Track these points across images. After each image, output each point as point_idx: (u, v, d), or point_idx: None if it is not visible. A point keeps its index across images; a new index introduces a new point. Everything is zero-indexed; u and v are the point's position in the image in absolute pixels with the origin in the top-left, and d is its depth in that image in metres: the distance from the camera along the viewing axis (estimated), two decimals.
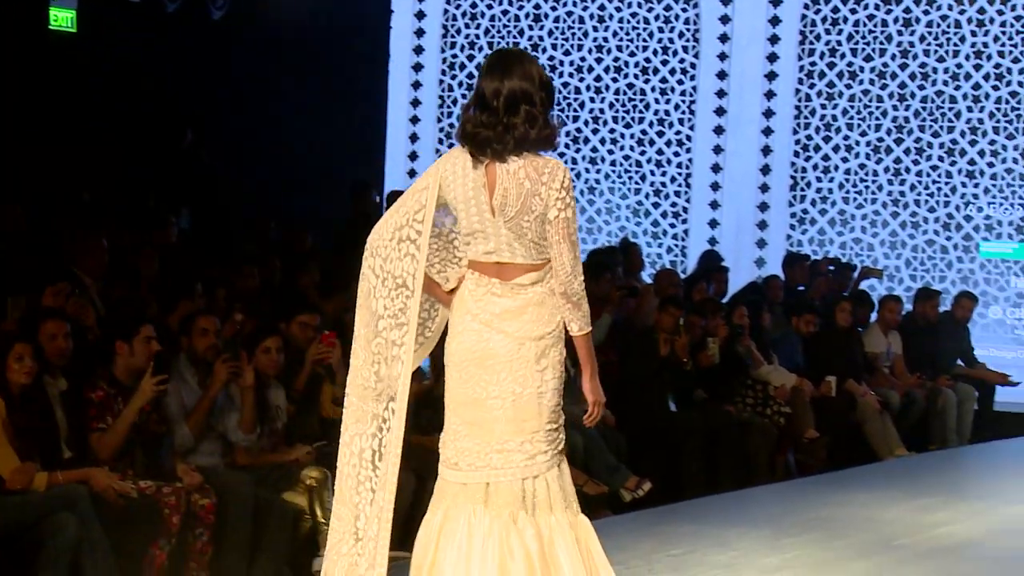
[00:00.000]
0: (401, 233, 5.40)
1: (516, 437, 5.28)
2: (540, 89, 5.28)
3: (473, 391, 5.30)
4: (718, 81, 18.82)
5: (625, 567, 8.09)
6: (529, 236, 5.26)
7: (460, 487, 5.30)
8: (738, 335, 13.21)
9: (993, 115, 17.83)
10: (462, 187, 5.31)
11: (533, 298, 5.31)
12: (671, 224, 19.04)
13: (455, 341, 5.36)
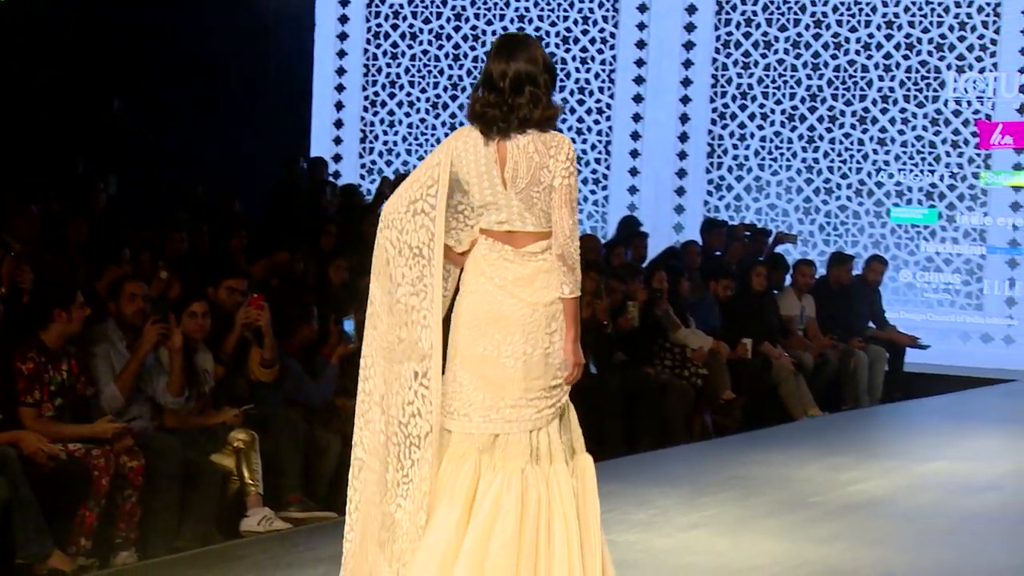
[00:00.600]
0: (415, 206, 5.54)
1: (526, 394, 5.49)
2: (544, 71, 5.51)
3: (484, 349, 5.49)
4: (637, 51, 18.81)
5: None
6: (539, 206, 5.49)
7: (465, 436, 5.46)
8: (657, 299, 13.23)
9: (904, 84, 17.91)
10: (474, 162, 5.50)
11: (543, 265, 5.53)
12: (591, 191, 19.04)
13: (467, 300, 5.56)
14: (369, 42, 19.45)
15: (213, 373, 9.18)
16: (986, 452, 11.45)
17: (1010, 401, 15.02)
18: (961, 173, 17.67)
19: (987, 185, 17.52)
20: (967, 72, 17.69)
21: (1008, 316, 17.32)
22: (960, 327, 17.50)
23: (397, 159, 19.40)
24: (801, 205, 18.31)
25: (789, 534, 8.21)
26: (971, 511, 9.02)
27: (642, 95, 18.80)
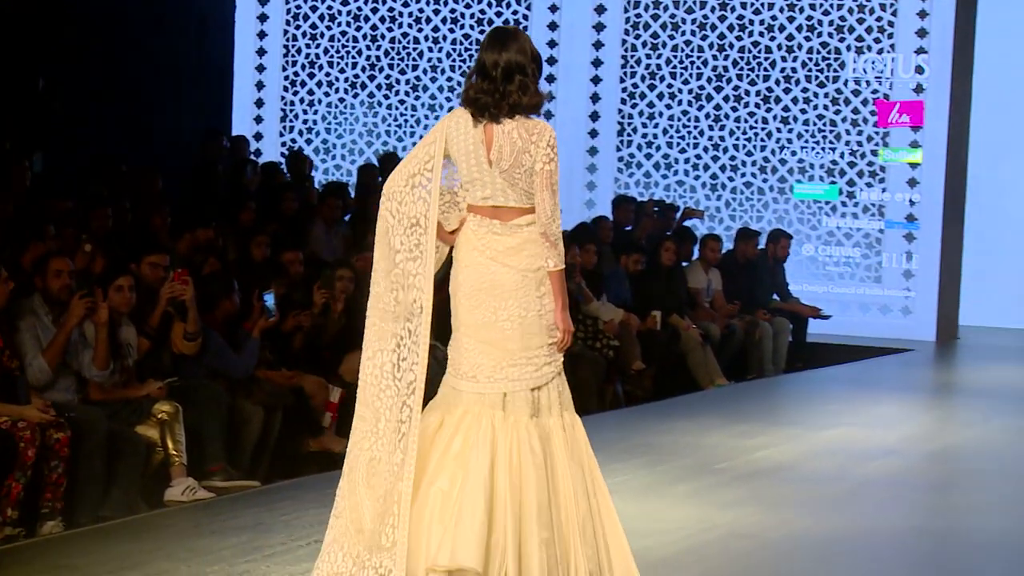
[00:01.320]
0: (414, 180, 5.90)
1: (525, 353, 5.86)
2: (532, 62, 5.88)
3: (483, 315, 5.89)
4: (549, 32, 18.81)
5: None
6: (520, 185, 5.84)
7: (477, 396, 5.85)
8: (570, 273, 13.25)
9: (805, 64, 18.01)
10: (464, 142, 5.86)
11: (529, 236, 5.88)
12: None
13: (463, 273, 5.94)
14: (289, 23, 19.34)
15: (137, 347, 9.12)
16: (884, 419, 11.56)
17: (907, 370, 15.18)
18: (861, 151, 17.80)
19: (885, 162, 17.67)
20: (866, 53, 17.81)
21: (905, 288, 17.48)
22: (860, 299, 17.65)
23: (316, 137, 19.32)
24: (708, 181, 18.39)
25: (697, 499, 8.26)
26: (870, 475, 9.11)
27: (554, 75, 18.80)
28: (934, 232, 17.06)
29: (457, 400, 5.89)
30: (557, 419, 5.90)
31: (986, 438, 10.90)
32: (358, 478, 5.85)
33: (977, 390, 13.60)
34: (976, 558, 7.33)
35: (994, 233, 18.34)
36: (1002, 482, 9.18)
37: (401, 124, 19.22)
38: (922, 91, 17.29)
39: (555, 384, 5.94)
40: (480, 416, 5.83)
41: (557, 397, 5.92)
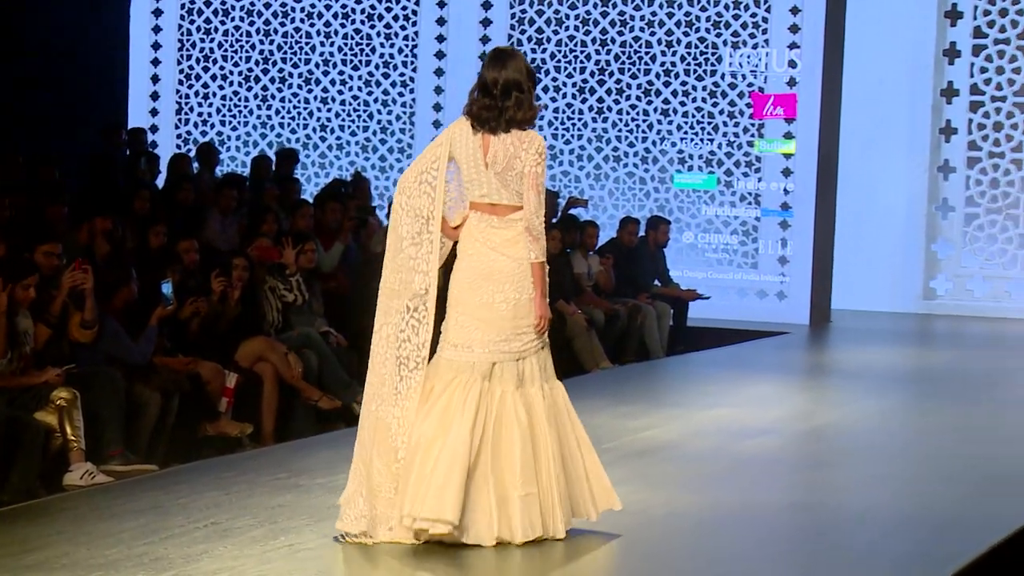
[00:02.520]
0: (422, 177, 6.62)
1: (515, 331, 6.60)
2: (528, 79, 6.58)
3: (481, 297, 6.60)
4: (437, 27, 18.77)
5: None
6: (512, 186, 6.58)
7: (469, 365, 6.54)
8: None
9: (684, 59, 18.11)
10: (465, 147, 6.59)
11: (523, 229, 6.61)
12: (397, 159, 18.98)
13: (465, 261, 6.67)
14: (183, 18, 19.14)
15: (35, 335, 8.99)
16: (761, 399, 11.66)
17: (782, 352, 15.32)
18: (737, 141, 17.93)
19: (761, 152, 17.80)
20: (742, 48, 17.93)
21: (781, 274, 17.64)
22: (738, 284, 17.79)
23: (212, 130, 19.14)
24: (592, 172, 18.44)
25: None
26: (748, 454, 9.18)
27: (443, 69, 18.77)
28: (807, 220, 17.23)
29: (448, 368, 6.55)
30: (539, 389, 6.61)
31: (857, 417, 11.03)
32: (366, 436, 6.59)
33: (848, 371, 13.76)
34: (848, 531, 7.41)
35: (864, 220, 18.56)
36: (872, 459, 9.30)
37: (295, 117, 19.09)
38: (795, 84, 17.45)
39: (538, 357, 6.67)
40: (468, 384, 6.49)
41: (540, 369, 6.66)
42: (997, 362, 14.52)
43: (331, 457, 8.61)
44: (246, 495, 7.55)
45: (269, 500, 7.43)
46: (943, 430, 10.38)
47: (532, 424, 6.55)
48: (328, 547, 6.60)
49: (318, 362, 11.09)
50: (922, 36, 18.45)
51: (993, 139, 18.43)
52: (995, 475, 8.75)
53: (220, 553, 6.42)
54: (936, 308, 18.50)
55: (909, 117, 18.55)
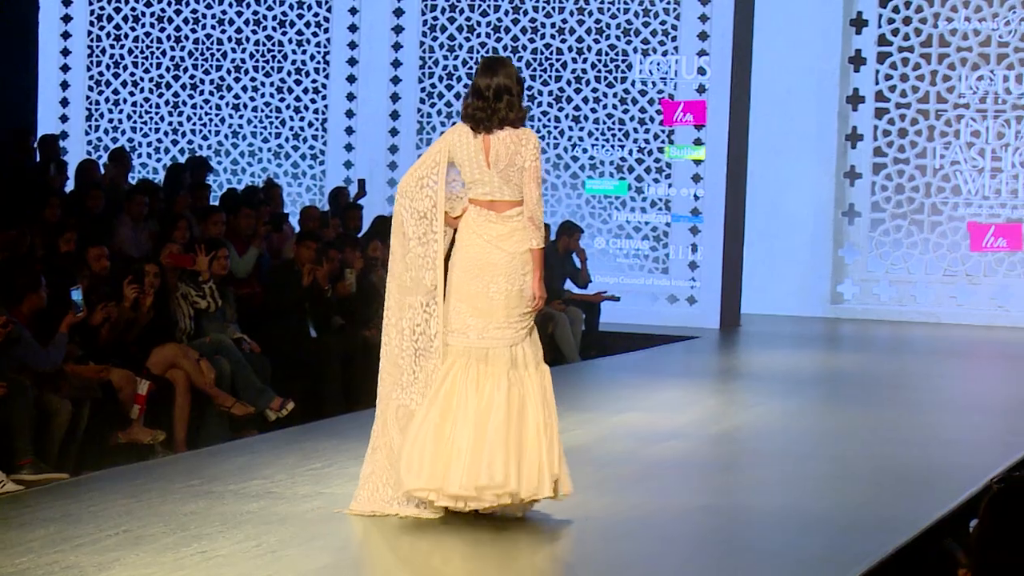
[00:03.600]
0: (423, 181, 7.23)
1: (507, 319, 7.14)
2: (516, 84, 7.22)
3: (477, 287, 7.14)
4: (349, 33, 18.72)
5: (271, 481, 8.03)
6: (513, 181, 7.15)
7: (466, 349, 7.12)
8: (373, 266, 13.20)
9: (595, 66, 18.17)
10: (467, 150, 7.17)
11: (517, 225, 7.18)
12: (310, 165, 18.92)
13: (462, 252, 7.19)
14: (93, 24, 18.96)
15: None
16: (671, 403, 11.70)
17: (693, 356, 15.40)
18: (648, 148, 18.01)
19: (671, 159, 17.90)
20: (651, 55, 18.03)
21: (691, 279, 17.74)
22: (649, 289, 17.87)
23: (123, 136, 18.97)
24: None
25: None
26: (660, 457, 9.22)
27: (355, 76, 18.72)
28: (717, 225, 17.34)
29: (448, 353, 7.13)
30: (529, 371, 7.16)
31: (766, 420, 11.11)
32: (389, 420, 7.18)
33: (757, 374, 13.86)
34: (758, 532, 7.45)
35: (773, 226, 18.71)
36: (781, 461, 9.36)
37: (206, 123, 18.97)
38: (704, 91, 17.56)
39: (528, 342, 7.20)
40: (467, 366, 7.09)
41: (531, 353, 7.19)
42: (902, 365, 14.69)
43: (244, 464, 8.56)
44: (158, 502, 7.48)
45: (181, 507, 7.38)
46: (850, 432, 10.48)
47: (520, 400, 7.10)
48: (241, 554, 6.56)
49: (231, 368, 11.02)
50: (828, 44, 18.63)
51: (898, 145, 18.64)
52: (901, 476, 8.84)
53: (132, 561, 6.36)
54: (843, 312, 18.68)
55: (816, 124, 18.72)
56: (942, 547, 6.75)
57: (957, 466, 9.15)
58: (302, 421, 10.74)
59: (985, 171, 18.38)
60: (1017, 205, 18.30)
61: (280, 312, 12.09)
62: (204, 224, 12.66)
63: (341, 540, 6.96)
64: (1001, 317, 18.20)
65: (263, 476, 8.17)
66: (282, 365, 11.72)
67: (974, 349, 16.63)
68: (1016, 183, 18.30)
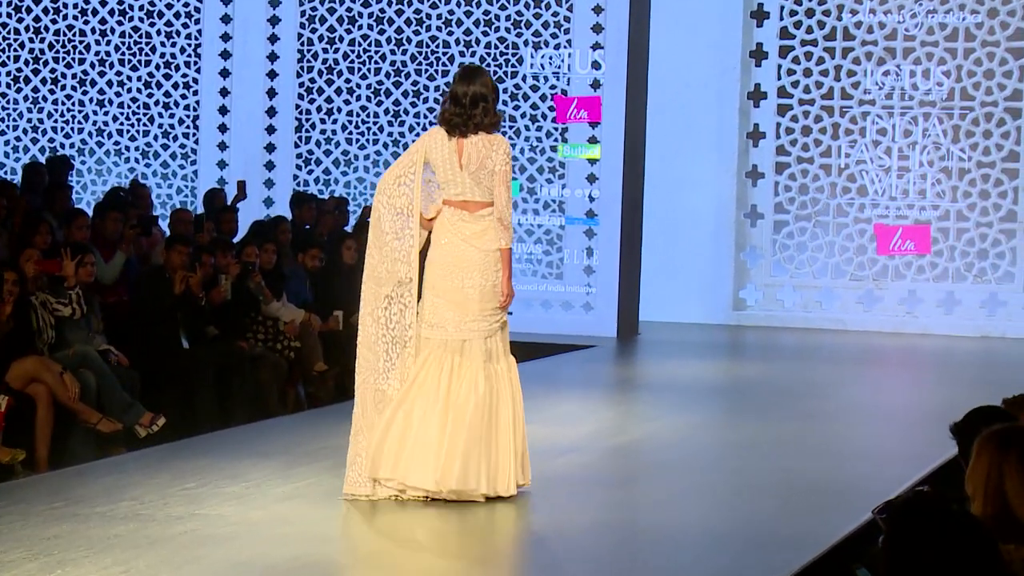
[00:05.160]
0: (400, 180, 8.13)
1: (482, 312, 8.07)
2: (492, 92, 8.15)
3: (452, 282, 8.07)
4: (222, 25, 18.61)
5: (140, 502, 7.96)
6: (484, 183, 8.09)
7: (442, 342, 8.02)
8: (249, 272, 13.12)
9: (484, 60, 18.19)
10: (440, 152, 8.11)
11: (489, 224, 8.11)
12: (180, 165, 18.77)
13: (439, 250, 8.12)
14: None
15: None
16: (567, 416, 11.73)
17: (589, 366, 15.46)
18: (540, 146, 18.07)
19: (564, 158, 17.97)
20: (543, 48, 18.09)
21: (587, 284, 17.80)
22: (542, 295, 17.91)
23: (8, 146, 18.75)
24: None
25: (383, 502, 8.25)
26: (557, 472, 9.23)
27: (228, 70, 18.61)
28: (613, 228, 17.38)
29: (424, 345, 8.04)
30: (501, 364, 8.08)
31: (666, 432, 11.17)
32: (368, 404, 8.09)
33: (657, 385, 13.94)
34: (660, 550, 7.49)
35: (672, 228, 18.80)
36: (682, 475, 9.41)
37: (68, 120, 18.77)
38: (599, 87, 17.64)
39: (499, 335, 8.14)
40: (442, 359, 7.97)
41: (501, 345, 8.13)
42: (807, 374, 14.83)
43: (111, 484, 8.47)
44: (19, 526, 7.39)
45: (44, 531, 7.29)
46: (754, 443, 10.56)
47: (495, 395, 8.00)
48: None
49: (97, 382, 10.90)
50: (728, 37, 18.78)
51: (802, 144, 18.83)
52: (807, 488, 8.92)
53: None
54: (746, 319, 18.84)
55: (716, 121, 18.86)
56: (852, 573, 6.81)
57: (866, 479, 9.26)
58: (174, 438, 10.65)
59: (892, 171, 18.62)
60: (925, 206, 18.57)
61: (150, 321, 11.98)
62: (68, 228, 12.52)
63: (216, 565, 6.90)
64: (910, 323, 18.45)
65: (132, 497, 8.09)
66: (152, 378, 11.61)
67: (882, 356, 16.84)
68: (924, 183, 18.56)
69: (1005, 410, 5.86)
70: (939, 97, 18.46)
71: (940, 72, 18.47)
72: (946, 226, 18.48)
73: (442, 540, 7.45)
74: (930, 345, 17.53)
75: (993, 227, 18.36)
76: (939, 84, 18.47)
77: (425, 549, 7.46)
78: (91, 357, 11.10)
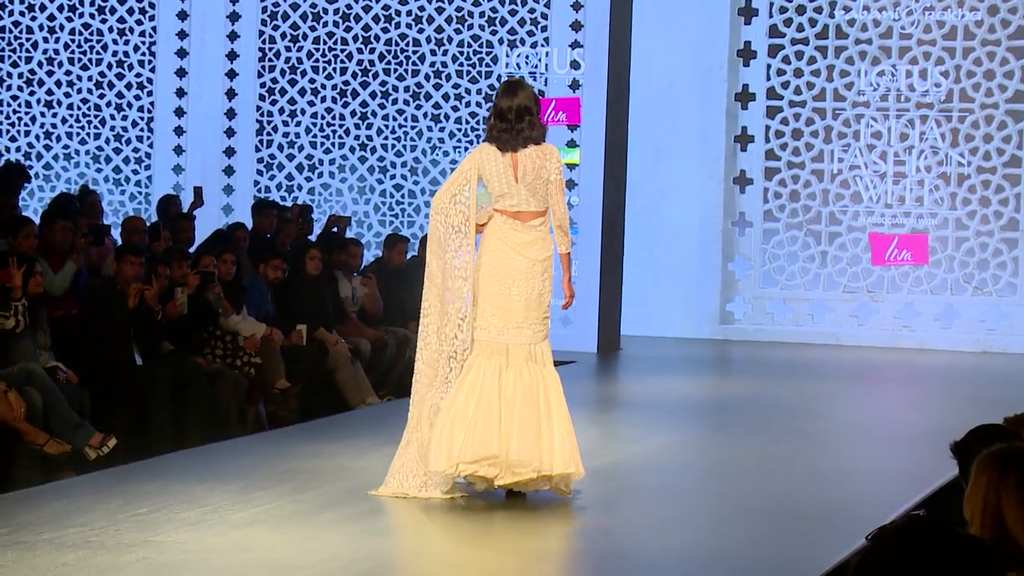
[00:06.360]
0: (456, 197, 8.85)
1: (526, 320, 8.78)
2: (535, 104, 8.87)
3: (500, 289, 8.78)
4: (179, 22, 18.59)
5: (90, 529, 7.93)
6: (539, 193, 8.82)
7: (488, 344, 8.75)
8: (208, 283, 13.09)
9: (456, 59, 18.21)
10: (495, 167, 8.80)
11: (540, 234, 8.85)
12: (134, 171, 18.74)
13: (488, 257, 8.84)
14: None
15: None
16: None
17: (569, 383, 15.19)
18: None
19: None
20: (519, 47, 18.11)
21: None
22: None
23: None
24: (355, 184, 18.44)
25: (346, 527, 8.25)
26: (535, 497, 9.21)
27: (185, 69, 18.59)
28: (593, 237, 17.38)
29: (473, 347, 8.76)
30: (546, 367, 8.82)
31: (649, 453, 11.18)
32: (424, 420, 8.72)
33: (639, 403, 13.95)
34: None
35: (655, 238, 18.82)
36: (665, 499, 9.42)
37: (15, 123, 18.74)
38: (578, 87, 17.66)
39: (544, 344, 8.83)
40: (490, 358, 8.72)
41: (547, 355, 8.82)
42: (798, 391, 14.86)
43: (59, 509, 8.45)
44: None
45: None
46: (741, 465, 10.58)
47: (547, 390, 8.73)
48: None
49: (43, 401, 10.86)
50: (715, 35, 18.83)
51: (792, 147, 18.88)
52: (797, 513, 8.93)
53: None
54: (733, 333, 18.87)
55: (702, 124, 18.89)
56: None
57: (860, 502, 9.28)
58: (126, 460, 10.62)
59: (888, 176, 18.68)
60: (923, 214, 18.63)
61: (101, 336, 11.95)
62: (13, 238, 12.48)
63: None
64: (906, 337, 18.50)
65: (81, 523, 8.07)
66: (103, 396, 11.58)
67: (877, 373, 16.88)
68: (921, 190, 18.62)
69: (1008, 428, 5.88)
70: (937, 99, 18.53)
71: (938, 72, 18.54)
72: (944, 235, 18.54)
73: (407, 568, 7.44)
74: (928, 361, 17.58)
75: (994, 236, 18.42)
76: (937, 85, 18.54)
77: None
78: (37, 374, 11.06)
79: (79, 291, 12.67)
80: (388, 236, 16.47)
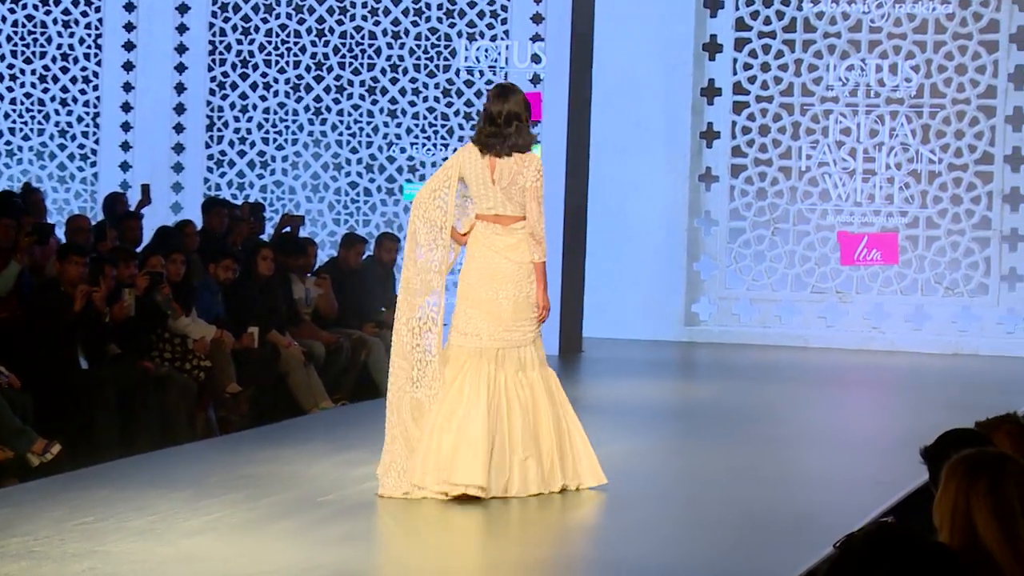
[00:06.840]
0: (435, 194, 9.17)
1: (515, 323, 9.06)
2: (525, 110, 9.16)
3: (487, 293, 9.06)
4: (126, 14, 18.54)
5: (34, 538, 7.91)
6: (515, 199, 9.10)
7: (477, 350, 8.99)
8: (156, 284, 13.05)
9: (413, 52, 18.21)
10: (474, 168, 9.11)
11: (522, 237, 9.12)
12: (79, 167, 18.68)
13: (474, 263, 9.14)
14: None
15: None
16: None
17: None
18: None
19: None
20: (478, 40, 18.12)
21: None
22: None
23: None
24: (309, 182, 18.42)
25: (300, 536, 8.24)
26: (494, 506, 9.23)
27: (132, 63, 18.55)
28: (555, 236, 17.35)
29: (459, 353, 9.01)
30: (536, 374, 9.07)
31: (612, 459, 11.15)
32: (404, 414, 8.99)
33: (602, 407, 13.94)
34: None
35: (618, 237, 18.82)
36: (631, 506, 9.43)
37: None
38: (539, 82, 17.67)
39: (534, 346, 9.13)
40: (478, 368, 8.91)
41: (535, 357, 9.12)
42: (765, 395, 14.90)
43: (2, 518, 8.42)
44: None
45: None
46: (707, 471, 10.60)
47: (533, 401, 8.98)
48: None
49: None
50: (679, 28, 18.85)
51: (759, 144, 18.92)
52: (764, 521, 8.96)
53: None
54: (699, 335, 18.90)
55: (666, 119, 18.91)
56: None
57: (828, 510, 9.31)
58: (71, 467, 10.59)
59: (857, 174, 18.75)
60: (892, 212, 18.69)
61: (44, 339, 11.91)
62: None
63: None
64: (876, 340, 18.56)
65: (24, 532, 8.04)
66: (46, 401, 11.55)
67: (846, 375, 16.93)
68: (891, 187, 18.69)
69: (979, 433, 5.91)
70: (907, 94, 18.60)
71: (908, 67, 18.62)
72: (915, 234, 18.62)
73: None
74: (898, 363, 17.64)
75: (966, 235, 18.51)
76: (907, 80, 18.62)
77: None
78: None
79: (22, 292, 12.63)
80: (345, 235, 16.43)
